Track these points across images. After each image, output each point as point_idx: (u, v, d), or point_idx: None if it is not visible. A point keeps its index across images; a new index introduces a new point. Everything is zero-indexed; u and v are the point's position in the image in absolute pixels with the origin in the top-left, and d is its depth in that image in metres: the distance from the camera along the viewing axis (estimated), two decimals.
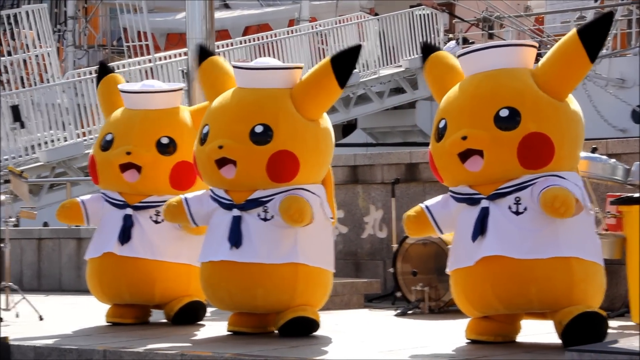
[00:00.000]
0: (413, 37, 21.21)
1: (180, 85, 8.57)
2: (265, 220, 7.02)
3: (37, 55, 17.87)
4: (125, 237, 7.92)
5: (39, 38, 17.79)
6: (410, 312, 8.66)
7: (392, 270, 9.04)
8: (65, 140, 16.55)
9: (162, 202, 7.81)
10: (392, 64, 21.08)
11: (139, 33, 18.19)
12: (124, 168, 7.94)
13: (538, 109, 6.35)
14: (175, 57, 17.87)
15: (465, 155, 6.38)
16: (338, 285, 9.02)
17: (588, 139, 8.13)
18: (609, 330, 6.42)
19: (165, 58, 18.06)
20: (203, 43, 9.48)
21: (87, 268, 8.27)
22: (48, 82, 17.54)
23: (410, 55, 20.89)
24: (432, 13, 21.64)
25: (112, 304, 8.21)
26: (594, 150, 7.79)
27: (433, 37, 21.51)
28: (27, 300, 8.72)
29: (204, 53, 7.60)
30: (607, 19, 6.32)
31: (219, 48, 18.07)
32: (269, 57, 16.60)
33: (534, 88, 6.41)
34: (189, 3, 10.69)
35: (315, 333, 7.22)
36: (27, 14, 17.69)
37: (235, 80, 7.32)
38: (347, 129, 22.91)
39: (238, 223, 7.02)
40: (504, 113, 6.33)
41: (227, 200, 7.13)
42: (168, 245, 7.97)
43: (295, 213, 6.85)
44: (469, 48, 6.71)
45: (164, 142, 7.96)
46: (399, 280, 8.96)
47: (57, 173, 16.58)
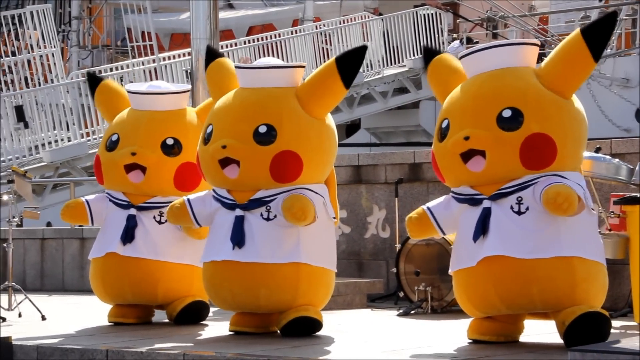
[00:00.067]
0: (417, 37, 21.20)
1: (187, 87, 8.59)
2: (268, 220, 7.02)
3: (41, 56, 17.88)
4: (129, 237, 7.93)
5: (43, 38, 17.80)
6: (413, 312, 8.66)
7: (394, 270, 9.04)
8: (69, 141, 16.55)
9: (166, 202, 7.82)
10: (396, 64, 21.07)
11: (143, 33, 18.19)
12: (129, 168, 7.95)
13: (541, 109, 6.33)
14: (180, 57, 17.88)
15: (468, 156, 6.37)
16: (341, 285, 9.02)
17: (592, 139, 8.12)
18: (612, 330, 6.41)
19: (170, 58, 18.06)
20: (211, 44, 9.49)
21: (90, 268, 8.28)
22: (52, 82, 17.55)
23: (414, 55, 20.88)
24: (436, 13, 21.63)
25: (114, 304, 8.21)
26: (598, 150, 7.78)
27: (437, 37, 21.51)
28: (30, 300, 8.73)
29: (212, 54, 7.60)
30: (611, 19, 6.31)
31: (223, 48, 18.07)
32: (273, 57, 16.62)
33: (537, 87, 6.40)
34: (193, 3, 10.70)
35: (318, 333, 7.22)
36: (31, 15, 17.71)
37: (238, 81, 7.33)
38: (350, 129, 22.90)
39: (241, 223, 7.02)
40: (507, 113, 6.32)
41: (229, 200, 7.13)
42: (171, 246, 7.97)
43: (298, 211, 6.85)
44: (471, 49, 6.70)
45: (169, 143, 7.97)
46: (402, 280, 8.95)
47: (60, 173, 16.59)
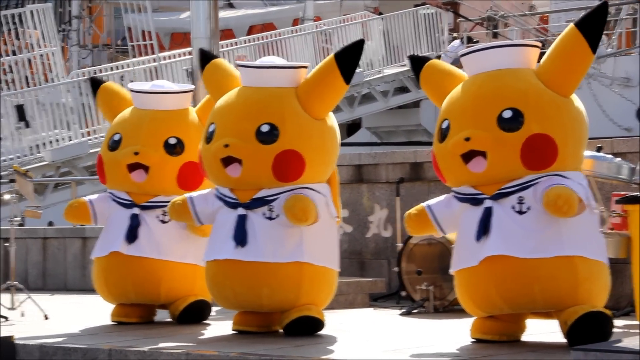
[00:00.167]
0: (417, 36, 21.20)
1: (191, 87, 8.59)
2: (271, 219, 7.02)
3: (41, 55, 17.88)
4: (132, 236, 7.93)
5: (44, 37, 17.79)
6: (415, 311, 8.66)
7: (396, 270, 9.04)
8: (70, 140, 16.56)
9: (169, 202, 7.82)
10: (396, 63, 21.08)
11: (144, 32, 18.19)
12: (132, 168, 7.96)
13: (541, 110, 6.33)
14: (180, 56, 17.88)
15: (469, 156, 6.37)
16: (343, 285, 9.01)
17: (593, 138, 8.11)
18: (614, 330, 6.41)
19: (170, 57, 18.07)
20: (204, 47, 9.49)
21: (93, 267, 8.28)
22: (53, 81, 17.55)
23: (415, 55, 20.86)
24: (436, 12, 21.64)
25: (117, 303, 8.22)
26: (599, 149, 7.77)
27: (437, 36, 21.51)
28: (32, 300, 8.74)
29: (205, 57, 7.59)
30: (602, 9, 6.32)
31: (223, 47, 18.06)
32: (273, 56, 16.62)
33: (538, 87, 6.40)
34: (194, 2, 10.69)
35: (320, 332, 7.22)
36: (31, 14, 17.70)
37: (241, 80, 7.32)
38: (351, 129, 22.90)
39: (243, 222, 7.03)
40: (507, 114, 6.32)
41: (232, 199, 7.13)
42: (174, 245, 7.98)
43: (299, 212, 6.85)
44: (472, 48, 6.70)
45: (172, 142, 7.98)
46: (404, 280, 8.95)
47: (62, 172, 16.59)
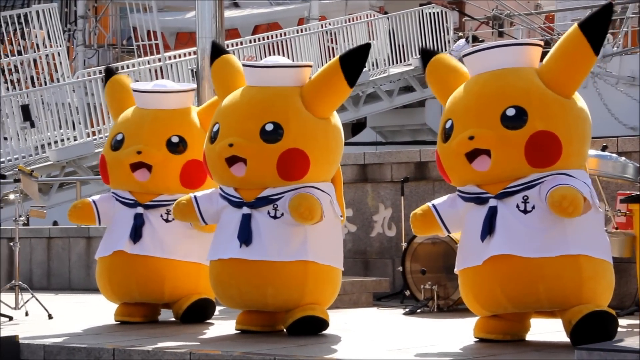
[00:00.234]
0: (423, 35, 21.19)
1: (192, 86, 8.60)
2: (275, 218, 7.02)
3: (47, 55, 17.91)
4: (137, 235, 7.94)
5: (49, 37, 17.82)
6: (419, 310, 8.65)
7: (401, 269, 9.03)
8: (75, 140, 16.58)
9: (172, 200, 7.83)
10: (401, 63, 21.07)
11: (149, 32, 18.21)
12: (135, 167, 7.96)
13: (545, 107, 6.33)
14: (185, 56, 17.89)
15: (473, 155, 6.36)
16: (347, 284, 9.01)
17: (598, 137, 8.10)
18: (619, 329, 6.39)
19: (175, 57, 18.08)
20: (216, 41, 9.49)
21: (97, 267, 8.28)
22: (58, 81, 17.58)
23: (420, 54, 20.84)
24: (442, 11, 21.62)
25: (121, 303, 8.22)
26: (604, 149, 7.76)
27: (443, 35, 21.49)
28: (36, 299, 8.74)
29: (217, 51, 7.60)
30: (607, 11, 6.30)
31: (229, 47, 18.07)
32: (279, 55, 16.62)
33: (541, 86, 6.39)
34: (199, 2, 10.70)
35: (324, 332, 7.21)
36: (37, 14, 17.73)
37: (245, 79, 7.32)
38: (356, 128, 22.90)
39: (248, 221, 7.02)
40: (511, 112, 6.31)
41: (236, 198, 7.13)
42: (178, 244, 7.98)
43: (305, 211, 6.85)
44: (475, 48, 6.70)
45: (174, 141, 7.98)
46: (408, 279, 8.95)
47: (66, 172, 16.61)
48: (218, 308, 8.31)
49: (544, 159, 6.29)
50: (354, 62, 7.03)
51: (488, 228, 6.34)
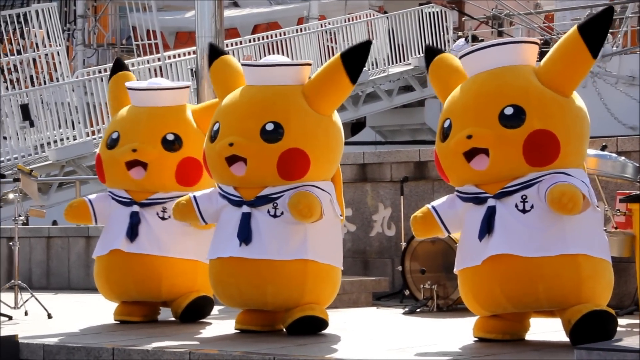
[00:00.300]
0: (422, 35, 21.19)
1: (187, 83, 8.59)
2: (275, 217, 7.02)
3: (46, 54, 17.90)
4: (133, 234, 7.94)
5: (49, 37, 17.81)
6: (419, 310, 8.65)
7: (400, 269, 9.03)
8: (75, 139, 16.58)
9: (168, 198, 7.85)
10: (401, 62, 21.06)
11: (148, 32, 18.21)
12: (130, 165, 7.96)
13: (543, 106, 6.33)
14: (185, 55, 17.89)
15: (471, 154, 6.36)
16: (346, 284, 9.01)
17: (598, 137, 8.10)
18: (618, 329, 6.40)
19: (175, 57, 18.08)
20: (214, 42, 9.50)
21: (94, 266, 8.29)
22: (57, 80, 17.57)
23: (420, 54, 20.86)
24: (441, 11, 21.62)
25: (119, 301, 8.22)
26: (604, 148, 7.76)
27: (442, 35, 21.49)
28: (36, 299, 8.74)
29: (215, 52, 7.60)
30: (607, 14, 6.30)
31: (228, 47, 18.06)
32: (278, 54, 16.61)
33: (538, 85, 6.39)
34: (198, 2, 10.70)
35: (324, 331, 7.21)
36: (36, 13, 17.72)
37: (245, 78, 7.32)
38: (356, 127, 22.89)
39: (247, 220, 7.02)
40: (509, 111, 6.31)
41: (236, 197, 7.13)
42: (175, 241, 7.98)
43: (304, 208, 6.85)
44: (471, 48, 6.70)
45: (170, 138, 7.98)
46: (407, 279, 8.95)
47: (66, 172, 16.61)
48: (217, 307, 8.31)
49: (542, 158, 6.29)
50: (356, 58, 7.03)
51: (486, 228, 6.34)
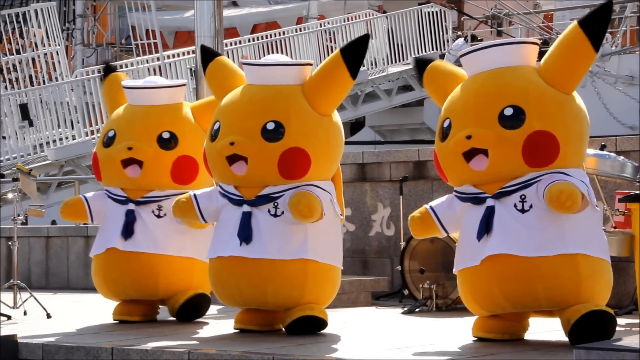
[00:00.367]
0: (421, 34, 21.19)
1: (183, 81, 8.59)
2: (276, 216, 7.02)
3: (45, 54, 17.89)
4: (128, 232, 7.93)
5: (48, 36, 17.81)
6: (418, 309, 8.65)
7: (399, 268, 9.03)
8: (74, 139, 16.57)
9: (164, 196, 7.86)
10: (400, 62, 21.06)
11: (147, 31, 18.20)
12: (126, 163, 7.96)
13: (542, 107, 6.33)
14: (184, 55, 17.89)
15: (470, 155, 6.36)
16: (345, 283, 9.01)
17: (597, 136, 8.09)
18: (617, 328, 6.40)
19: (174, 56, 18.07)
20: (206, 45, 9.50)
21: (92, 265, 8.29)
22: (56, 80, 17.56)
23: (419, 53, 20.86)
24: (440, 10, 21.62)
25: (117, 300, 8.23)
26: (603, 148, 7.76)
27: (441, 34, 21.49)
28: (35, 298, 8.74)
29: (209, 54, 7.59)
30: (606, 8, 6.30)
31: (227, 46, 18.06)
32: (278, 54, 16.60)
33: (539, 85, 6.39)
34: (198, 1, 10.69)
35: (323, 331, 7.21)
36: (35, 13, 17.72)
37: (246, 78, 7.32)
38: (355, 127, 22.89)
39: (248, 219, 7.02)
40: (509, 112, 6.31)
41: (237, 196, 7.13)
42: (171, 239, 7.97)
43: (305, 208, 6.85)
44: (472, 47, 6.70)
45: (165, 136, 7.98)
46: (407, 278, 8.95)
47: (65, 171, 16.60)
48: (216, 307, 8.31)
49: (542, 159, 6.29)
50: (355, 52, 7.03)
51: (485, 228, 6.34)
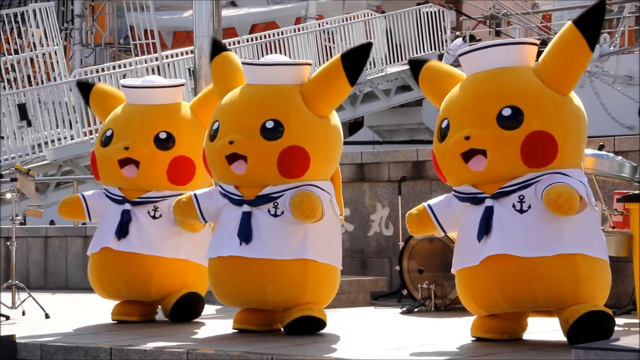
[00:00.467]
0: (420, 34, 21.19)
1: (181, 81, 8.58)
2: (276, 216, 7.02)
3: (44, 54, 17.87)
4: (123, 232, 7.92)
5: (46, 36, 17.79)
6: (417, 309, 8.65)
7: (398, 268, 9.04)
8: (72, 139, 16.57)
9: (160, 197, 7.86)
10: (399, 62, 21.06)
11: (146, 31, 18.18)
12: (123, 163, 7.96)
13: (541, 107, 6.33)
14: (182, 55, 17.88)
15: (469, 155, 6.37)
16: (344, 283, 9.01)
17: (595, 136, 8.09)
18: (616, 328, 6.40)
19: (172, 56, 18.07)
20: (216, 38, 9.49)
21: (88, 263, 8.29)
22: (55, 80, 17.55)
23: (417, 53, 20.86)
24: (439, 10, 21.62)
25: (110, 299, 8.23)
26: (602, 148, 7.76)
27: (440, 34, 21.50)
28: (33, 299, 8.74)
29: (217, 48, 7.59)
30: (600, 6, 6.31)
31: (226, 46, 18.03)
32: (277, 54, 16.59)
33: (537, 85, 6.39)
34: (196, 1, 10.70)
35: (322, 331, 7.21)
36: (34, 12, 17.70)
37: (245, 77, 7.32)
38: (353, 127, 22.88)
39: (248, 219, 7.02)
40: (507, 112, 6.31)
41: (237, 196, 7.13)
42: (166, 241, 7.97)
43: (307, 209, 6.85)
44: (470, 47, 6.70)
45: (162, 137, 7.98)
46: (405, 278, 8.95)
47: (63, 171, 16.60)
48: (215, 307, 8.30)
49: (540, 159, 6.29)
50: (356, 60, 7.04)
51: (484, 228, 6.35)
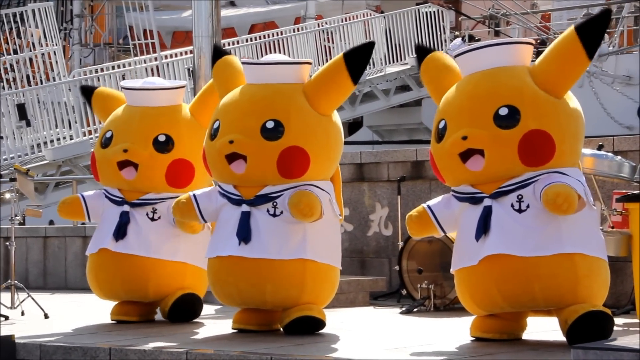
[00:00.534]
0: (419, 34, 21.19)
1: (182, 83, 8.58)
2: (275, 216, 7.02)
3: (43, 54, 17.87)
4: (121, 233, 7.92)
5: (45, 36, 17.79)
6: (416, 309, 8.65)
7: (397, 268, 9.04)
8: (71, 139, 16.56)
9: (159, 199, 7.85)
10: (398, 62, 21.07)
11: (145, 31, 18.18)
12: (122, 165, 7.96)
13: (537, 106, 6.34)
14: (182, 55, 17.88)
15: (466, 155, 6.37)
16: (343, 283, 9.01)
17: (594, 136, 8.10)
18: (615, 328, 6.40)
19: (172, 56, 18.07)
20: (217, 42, 9.51)
21: (87, 264, 8.29)
22: (54, 80, 17.55)
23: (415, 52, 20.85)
24: (438, 10, 21.62)
25: (108, 300, 8.23)
26: (601, 148, 7.76)
27: (439, 34, 21.50)
28: (32, 299, 8.74)
29: (219, 52, 7.60)
30: (605, 16, 6.30)
31: (225, 46, 18.05)
32: (277, 53, 16.59)
33: (533, 85, 6.39)
34: (195, 1, 10.70)
35: (321, 331, 7.21)
36: (33, 12, 17.70)
37: (245, 77, 7.33)
38: (353, 127, 22.89)
39: (247, 218, 7.02)
40: (504, 111, 6.32)
41: (236, 196, 7.13)
42: (164, 243, 7.96)
43: (305, 207, 6.85)
44: (466, 48, 6.70)
45: (161, 139, 7.97)
46: (405, 278, 8.95)
47: (63, 171, 16.60)
48: (214, 307, 8.30)
49: (538, 158, 6.29)
50: (358, 59, 7.04)
51: (483, 228, 6.35)
